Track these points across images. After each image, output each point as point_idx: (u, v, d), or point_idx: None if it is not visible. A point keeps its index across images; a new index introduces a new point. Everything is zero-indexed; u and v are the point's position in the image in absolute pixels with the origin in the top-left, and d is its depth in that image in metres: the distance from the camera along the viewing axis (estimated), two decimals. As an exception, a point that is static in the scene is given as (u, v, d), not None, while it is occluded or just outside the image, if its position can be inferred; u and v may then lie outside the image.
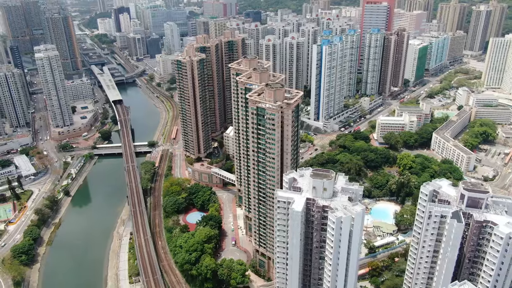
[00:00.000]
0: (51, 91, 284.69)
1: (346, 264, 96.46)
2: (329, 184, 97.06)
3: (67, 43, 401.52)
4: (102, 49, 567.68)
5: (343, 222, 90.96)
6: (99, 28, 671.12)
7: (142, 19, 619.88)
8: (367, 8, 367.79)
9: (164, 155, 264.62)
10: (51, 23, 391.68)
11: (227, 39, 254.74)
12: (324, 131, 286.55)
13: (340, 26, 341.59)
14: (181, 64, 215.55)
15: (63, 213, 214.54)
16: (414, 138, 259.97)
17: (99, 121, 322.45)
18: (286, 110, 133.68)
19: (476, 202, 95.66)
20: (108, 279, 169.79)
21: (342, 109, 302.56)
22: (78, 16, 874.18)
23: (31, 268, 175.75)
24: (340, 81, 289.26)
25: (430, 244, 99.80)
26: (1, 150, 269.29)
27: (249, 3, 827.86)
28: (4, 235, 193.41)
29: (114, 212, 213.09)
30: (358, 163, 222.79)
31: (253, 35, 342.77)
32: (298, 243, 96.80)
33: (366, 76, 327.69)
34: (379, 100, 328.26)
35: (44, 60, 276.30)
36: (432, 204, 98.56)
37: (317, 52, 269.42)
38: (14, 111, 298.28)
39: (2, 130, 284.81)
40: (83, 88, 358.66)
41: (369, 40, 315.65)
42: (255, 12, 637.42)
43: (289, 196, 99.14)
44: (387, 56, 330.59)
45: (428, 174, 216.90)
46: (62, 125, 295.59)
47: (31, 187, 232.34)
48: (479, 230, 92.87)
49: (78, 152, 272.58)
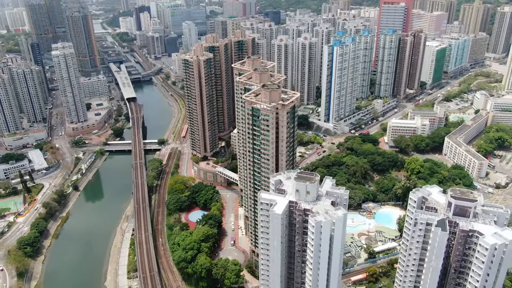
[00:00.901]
0: (66, 88, 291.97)
1: (327, 269, 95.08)
2: (312, 188, 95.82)
3: (86, 41, 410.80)
4: (123, 47, 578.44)
5: (323, 227, 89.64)
6: (121, 26, 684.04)
7: (162, 18, 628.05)
8: (384, 8, 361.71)
9: (173, 153, 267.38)
10: (71, 21, 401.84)
11: (237, 38, 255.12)
12: (334, 133, 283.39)
13: (355, 27, 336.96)
14: (188, 63, 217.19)
15: (71, 207, 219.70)
16: (425, 142, 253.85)
17: (113, 118, 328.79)
18: (281, 111, 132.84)
19: (464, 211, 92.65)
20: (108, 274, 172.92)
21: (354, 111, 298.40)
22: (102, 14, 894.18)
23: (35, 260, 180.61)
24: (351, 82, 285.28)
25: (416, 252, 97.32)
26: (17, 144, 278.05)
27: (270, 2, 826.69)
28: (13, 227, 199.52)
29: (120, 208, 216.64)
30: (364, 166, 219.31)
31: (267, 35, 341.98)
32: (279, 245, 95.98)
33: (380, 78, 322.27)
34: (393, 102, 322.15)
35: (60, 58, 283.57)
36: (419, 211, 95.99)
37: (328, 53, 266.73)
38: (32, 106, 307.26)
39: (20, 125, 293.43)
40: (99, 86, 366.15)
41: (384, 41, 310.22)
42: (274, 11, 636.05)
43: (272, 198, 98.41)
44: (403, 57, 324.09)
45: (436, 180, 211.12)
46: (76, 121, 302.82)
47: (42, 181, 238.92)
48: (465, 239, 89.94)
49: (90, 148, 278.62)
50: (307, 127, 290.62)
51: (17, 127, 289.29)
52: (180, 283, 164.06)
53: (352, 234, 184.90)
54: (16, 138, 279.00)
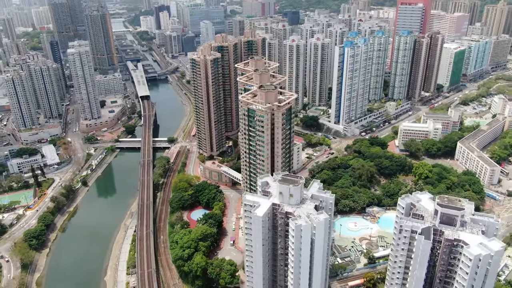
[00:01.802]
0: (80, 85, 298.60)
1: (309, 273, 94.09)
2: (295, 190, 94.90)
3: (104, 39, 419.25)
4: (142, 46, 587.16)
5: (303, 230, 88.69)
6: (142, 25, 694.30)
7: (181, 17, 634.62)
8: (401, 9, 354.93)
9: (182, 151, 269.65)
10: (90, 20, 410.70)
11: (247, 38, 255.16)
12: (344, 135, 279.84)
13: (369, 28, 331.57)
14: (195, 63, 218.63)
15: (79, 202, 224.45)
16: (437, 146, 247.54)
17: (126, 116, 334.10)
18: (276, 113, 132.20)
19: (450, 219, 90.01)
20: (108, 269, 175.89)
21: (365, 113, 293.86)
22: (125, 13, 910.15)
23: (40, 253, 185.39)
24: (363, 84, 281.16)
25: (401, 260, 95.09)
26: (33, 139, 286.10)
27: (290, 2, 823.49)
28: (22, 220, 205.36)
29: (125, 205, 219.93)
30: (370, 170, 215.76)
31: (280, 35, 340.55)
32: (261, 248, 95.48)
33: (394, 80, 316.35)
34: (406, 105, 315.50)
35: (75, 56, 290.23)
36: (404, 218, 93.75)
37: (339, 54, 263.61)
38: (48, 103, 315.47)
39: (36, 121, 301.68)
40: (115, 83, 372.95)
41: (398, 42, 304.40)
42: (293, 12, 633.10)
43: (255, 200, 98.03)
44: (418, 59, 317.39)
45: (445, 186, 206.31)
46: (90, 117, 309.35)
47: (53, 176, 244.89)
48: (450, 249, 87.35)
49: (102, 144, 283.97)
50: (317, 128, 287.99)
51: (33, 123, 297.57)
52: (177, 281, 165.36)
53: (354, 239, 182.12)
54: (31, 133, 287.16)
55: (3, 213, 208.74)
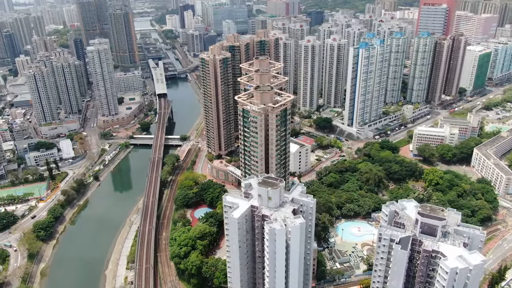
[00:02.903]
0: (99, 82, 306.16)
1: (285, 277, 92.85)
2: (274, 193, 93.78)
3: (126, 38, 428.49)
4: (166, 44, 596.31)
5: (277, 234, 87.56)
6: (167, 24, 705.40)
7: (205, 17, 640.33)
8: (423, 10, 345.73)
9: (192, 149, 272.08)
10: (113, 18, 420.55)
11: (259, 38, 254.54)
12: (357, 138, 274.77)
13: (389, 29, 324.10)
14: (204, 62, 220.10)
15: (89, 196, 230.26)
16: (452, 152, 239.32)
17: (143, 113, 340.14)
18: (270, 114, 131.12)
19: (432, 229, 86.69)
20: (110, 263, 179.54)
21: (380, 116, 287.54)
22: (153, 12, 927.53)
23: (48, 244, 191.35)
24: (378, 86, 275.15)
25: (381, 269, 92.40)
26: (52, 133, 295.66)
27: (316, 2, 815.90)
28: (33, 211, 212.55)
29: (133, 200, 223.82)
30: (378, 174, 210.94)
31: (297, 36, 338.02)
32: (237, 249, 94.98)
33: (413, 82, 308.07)
34: (425, 108, 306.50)
35: (94, 53, 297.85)
36: (385, 226, 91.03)
37: (354, 55, 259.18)
38: (68, 98, 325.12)
39: (56, 116, 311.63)
40: (134, 81, 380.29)
41: (417, 44, 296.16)
42: (317, 11, 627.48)
43: (234, 201, 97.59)
44: (439, 62, 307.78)
45: (455, 193, 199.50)
46: (107, 114, 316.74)
47: (67, 170, 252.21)
48: (428, 260, 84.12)
49: (117, 140, 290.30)
50: (330, 130, 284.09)
51: (54, 117, 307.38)
52: (174, 277, 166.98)
53: (356, 244, 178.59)
54: (51, 128, 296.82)
55: (16, 204, 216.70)
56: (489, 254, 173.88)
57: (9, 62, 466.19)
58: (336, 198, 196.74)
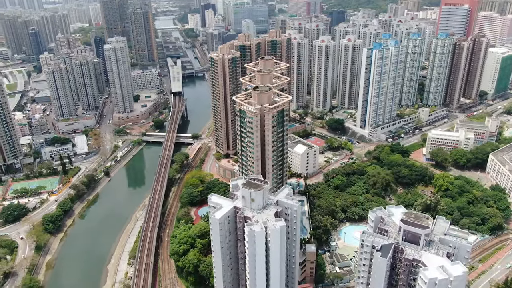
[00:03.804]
0: (114, 80, 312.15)
1: (266, 280, 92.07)
2: (257, 195, 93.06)
3: (145, 36, 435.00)
4: (186, 43, 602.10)
5: (256, 236, 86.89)
6: (189, 22, 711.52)
7: (226, 16, 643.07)
8: (444, 10, 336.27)
9: (203, 148, 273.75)
10: (133, 17, 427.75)
11: (271, 38, 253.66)
12: (369, 140, 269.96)
13: (407, 29, 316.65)
14: (213, 61, 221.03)
15: (99, 191, 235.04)
16: (466, 157, 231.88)
17: (158, 111, 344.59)
18: (266, 115, 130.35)
19: (416, 237, 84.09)
20: (113, 257, 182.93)
21: (394, 118, 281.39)
22: (176, 11, 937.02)
23: (55, 237, 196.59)
24: (392, 88, 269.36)
25: (364, 276, 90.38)
26: (69, 129, 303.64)
27: (339, 2, 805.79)
28: (44, 204, 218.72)
29: (141, 197, 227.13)
30: (386, 178, 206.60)
31: (313, 36, 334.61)
32: (219, 250, 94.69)
33: (429, 84, 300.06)
34: (442, 112, 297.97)
35: (110, 51, 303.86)
36: (368, 232, 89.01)
37: (367, 56, 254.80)
38: (86, 95, 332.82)
39: (74, 112, 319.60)
40: (151, 79, 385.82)
41: (435, 45, 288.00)
42: (339, 11, 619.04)
43: (218, 202, 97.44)
44: (458, 64, 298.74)
45: (466, 200, 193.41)
46: (122, 111, 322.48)
47: (80, 165, 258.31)
48: (409, 269, 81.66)
49: (130, 137, 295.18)
50: (342, 132, 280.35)
51: (71, 113, 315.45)
52: (174, 275, 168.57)
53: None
54: (67, 124, 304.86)
55: (29, 196, 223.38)
56: (497, 264, 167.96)
57: (34, 59, 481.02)
58: (342, 201, 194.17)
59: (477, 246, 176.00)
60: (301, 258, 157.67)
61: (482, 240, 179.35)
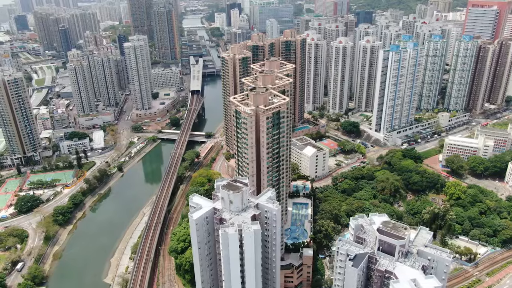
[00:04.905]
0: (134, 77, 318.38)
1: (241, 283, 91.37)
2: (235, 197, 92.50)
3: (168, 35, 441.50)
4: (211, 42, 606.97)
5: (229, 239, 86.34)
6: (216, 22, 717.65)
7: (251, 15, 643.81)
8: (471, 12, 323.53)
9: (215, 147, 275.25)
10: (157, 16, 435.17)
11: (285, 38, 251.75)
12: (384, 144, 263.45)
13: (430, 31, 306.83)
14: (224, 61, 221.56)
15: (111, 186, 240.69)
16: (484, 165, 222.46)
17: (176, 108, 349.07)
18: (261, 116, 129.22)
19: (392, 248, 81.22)
20: (117, 251, 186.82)
21: (412, 122, 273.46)
22: (205, 10, 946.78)
23: (65, 228, 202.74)
24: (410, 91, 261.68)
25: (339, 285, 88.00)
26: (88, 124, 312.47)
27: (368, 2, 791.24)
28: (57, 196, 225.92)
29: (151, 193, 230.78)
30: (395, 184, 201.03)
31: (332, 36, 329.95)
32: (197, 250, 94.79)
33: (451, 89, 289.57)
34: (463, 117, 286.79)
35: (130, 49, 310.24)
36: (344, 240, 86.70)
37: (383, 58, 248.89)
38: (107, 92, 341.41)
39: (94, 108, 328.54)
40: (171, 76, 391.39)
41: (458, 48, 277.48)
42: (366, 12, 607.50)
43: (199, 202, 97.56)
44: (482, 68, 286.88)
45: (478, 210, 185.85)
46: (141, 108, 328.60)
47: (95, 159, 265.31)
48: (381, 280, 78.98)
49: (146, 134, 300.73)
50: (357, 135, 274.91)
51: (91, 109, 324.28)
52: (172, 272, 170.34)
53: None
54: (87, 119, 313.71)
55: (44, 188, 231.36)
56: (506, 278, 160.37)
57: (63, 55, 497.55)
58: (347, 206, 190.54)
59: (486, 259, 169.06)
60: (297, 262, 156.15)
61: (492, 252, 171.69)
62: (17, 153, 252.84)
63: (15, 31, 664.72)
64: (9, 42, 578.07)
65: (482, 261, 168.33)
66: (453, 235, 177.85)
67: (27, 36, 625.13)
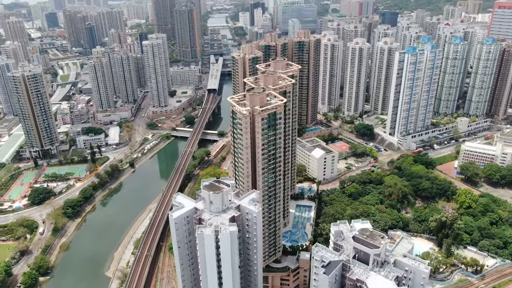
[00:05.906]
0: (151, 74, 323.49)
1: (218, 285, 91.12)
2: (215, 198, 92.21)
3: (189, 33, 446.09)
4: (234, 41, 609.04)
5: (205, 239, 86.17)
6: (240, 21, 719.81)
7: (275, 15, 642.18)
8: (496, 13, 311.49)
9: (227, 146, 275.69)
10: (178, 14, 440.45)
11: (299, 39, 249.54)
12: (398, 148, 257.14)
13: (451, 33, 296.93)
14: (234, 60, 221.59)
15: (121, 181, 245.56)
16: (501, 174, 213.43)
17: (192, 107, 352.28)
18: (256, 117, 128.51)
19: (367, 257, 78.94)
20: (121, 245, 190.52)
21: (428, 127, 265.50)
22: (231, 9, 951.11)
23: (73, 221, 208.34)
24: (426, 95, 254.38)
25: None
26: (106, 120, 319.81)
27: (396, 2, 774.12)
28: (70, 189, 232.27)
29: (158, 189, 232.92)
30: (403, 190, 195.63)
31: (350, 37, 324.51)
32: (177, 250, 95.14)
33: (472, 93, 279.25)
34: (484, 123, 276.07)
35: (148, 48, 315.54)
36: (320, 246, 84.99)
37: (399, 61, 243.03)
38: (125, 88, 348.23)
39: (113, 104, 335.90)
40: (190, 75, 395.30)
41: (479, 51, 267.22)
42: (392, 12, 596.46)
43: (182, 201, 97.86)
44: (506, 72, 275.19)
45: (488, 220, 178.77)
46: (157, 105, 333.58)
47: (109, 154, 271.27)
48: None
49: (160, 131, 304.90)
50: (370, 138, 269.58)
51: (110, 105, 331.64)
52: (172, 268, 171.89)
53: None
54: (105, 115, 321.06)
55: (58, 181, 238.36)
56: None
57: (89, 52, 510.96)
58: (352, 210, 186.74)
59: (494, 271, 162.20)
60: (294, 265, 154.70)
61: (501, 265, 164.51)
62: (35, 146, 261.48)
63: (46, 28, 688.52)
64: (40, 39, 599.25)
65: (489, 274, 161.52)
66: (461, 245, 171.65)
67: (56, 33, 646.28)
